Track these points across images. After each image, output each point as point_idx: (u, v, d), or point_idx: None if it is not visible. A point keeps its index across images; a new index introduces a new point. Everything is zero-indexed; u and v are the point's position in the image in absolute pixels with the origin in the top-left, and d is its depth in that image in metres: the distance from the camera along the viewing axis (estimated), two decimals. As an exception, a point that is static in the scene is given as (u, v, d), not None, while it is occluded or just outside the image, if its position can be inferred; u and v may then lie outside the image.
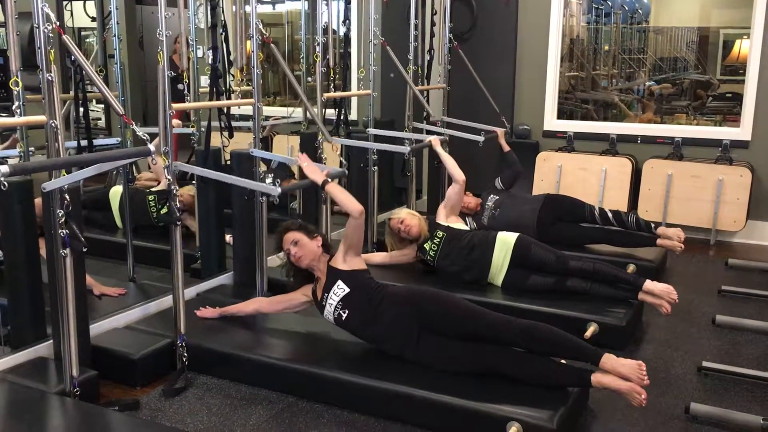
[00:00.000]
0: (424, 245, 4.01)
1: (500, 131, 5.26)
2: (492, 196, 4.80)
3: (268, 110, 5.50)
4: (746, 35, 5.73)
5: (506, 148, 5.13)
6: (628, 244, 4.49)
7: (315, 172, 3.24)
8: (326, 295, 3.07)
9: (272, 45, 3.97)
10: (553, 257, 3.75)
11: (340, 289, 3.03)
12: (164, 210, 4.58)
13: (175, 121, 3.84)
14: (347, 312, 3.01)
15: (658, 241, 4.40)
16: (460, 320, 2.83)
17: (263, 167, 3.76)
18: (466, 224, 4.38)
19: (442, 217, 4.17)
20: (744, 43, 6.46)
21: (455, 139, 5.08)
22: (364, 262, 3.17)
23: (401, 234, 4.02)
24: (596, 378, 2.65)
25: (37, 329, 3.03)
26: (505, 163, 5.10)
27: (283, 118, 5.14)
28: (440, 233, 4.00)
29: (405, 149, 4.63)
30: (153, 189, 4.72)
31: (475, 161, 5.34)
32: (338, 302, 3.02)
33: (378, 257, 4.24)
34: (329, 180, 3.16)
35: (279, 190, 3.18)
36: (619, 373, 2.63)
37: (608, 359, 2.66)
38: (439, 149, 4.60)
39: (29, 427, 2.38)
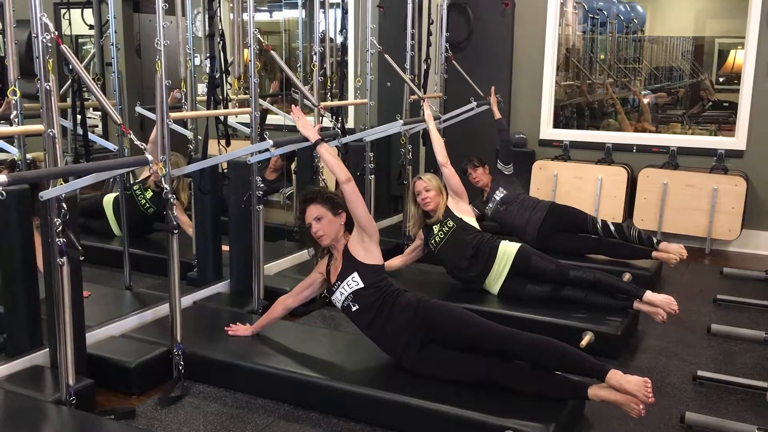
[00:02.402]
0: (433, 226, 4.01)
1: (492, 99, 5.29)
2: (501, 188, 4.87)
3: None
4: (741, 45, 5.76)
5: (497, 115, 5.18)
6: (624, 256, 4.50)
7: (308, 128, 3.16)
8: (339, 282, 3.01)
9: (273, 52, 3.99)
10: (554, 267, 3.75)
11: (354, 282, 2.97)
12: (149, 192, 4.62)
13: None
14: (357, 306, 2.98)
15: (654, 254, 4.41)
16: (469, 334, 2.81)
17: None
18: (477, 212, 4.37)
19: (454, 207, 4.09)
20: (739, 53, 6.49)
21: (456, 129, 5.14)
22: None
23: (417, 197, 4.00)
24: (593, 391, 2.65)
25: (33, 337, 3.03)
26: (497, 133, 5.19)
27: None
28: (451, 222, 3.97)
29: (399, 123, 4.64)
30: (136, 181, 4.75)
31: (476, 147, 5.49)
32: (350, 293, 2.98)
33: (395, 263, 4.22)
34: (323, 140, 3.11)
35: (271, 142, 3.48)
36: (625, 389, 2.58)
37: (614, 375, 2.62)
38: (430, 124, 4.51)
39: (25, 436, 2.37)
